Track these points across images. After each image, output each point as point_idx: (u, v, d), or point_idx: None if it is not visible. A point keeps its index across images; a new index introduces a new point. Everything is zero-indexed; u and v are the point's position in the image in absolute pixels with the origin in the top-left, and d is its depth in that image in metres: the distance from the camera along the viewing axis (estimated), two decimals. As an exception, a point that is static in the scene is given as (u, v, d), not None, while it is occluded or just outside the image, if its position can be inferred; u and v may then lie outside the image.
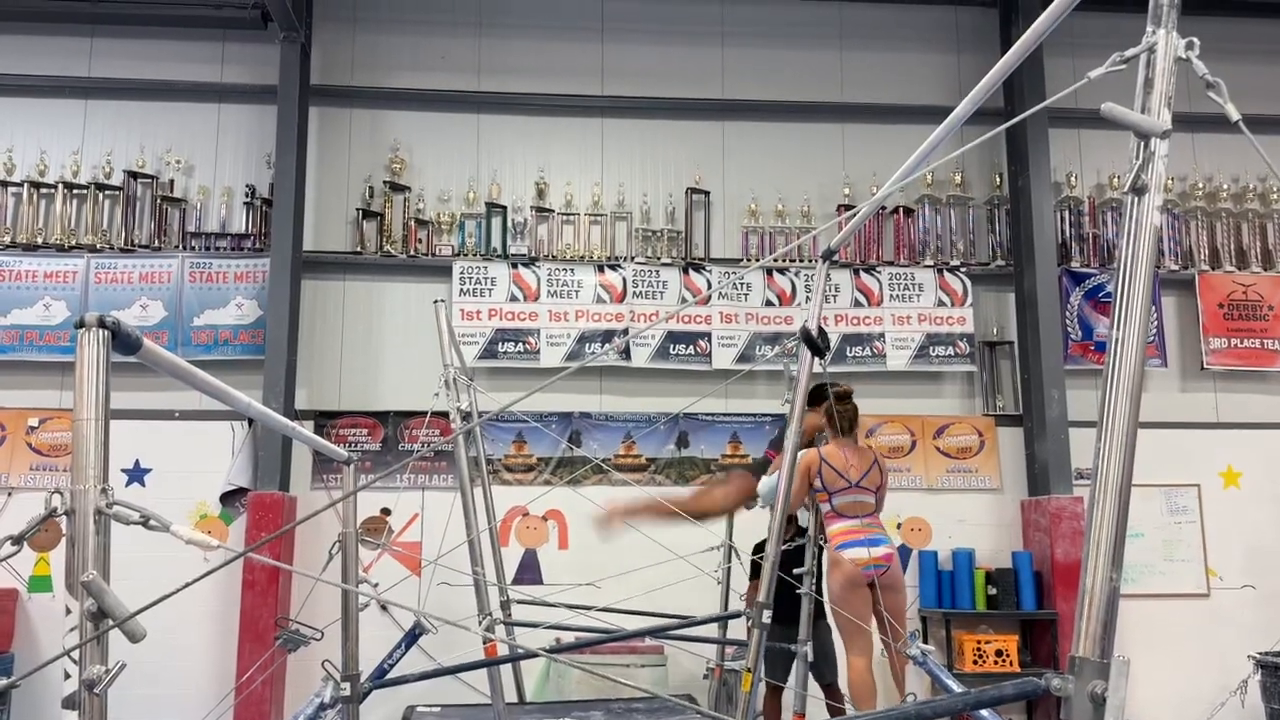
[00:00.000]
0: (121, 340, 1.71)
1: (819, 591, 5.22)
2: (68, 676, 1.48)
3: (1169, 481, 8.08)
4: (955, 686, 4.22)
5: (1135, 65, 1.76)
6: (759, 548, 5.86)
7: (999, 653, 7.40)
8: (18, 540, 1.56)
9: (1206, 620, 7.98)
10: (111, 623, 1.43)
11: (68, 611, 1.50)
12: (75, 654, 1.51)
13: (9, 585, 7.27)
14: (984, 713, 4.23)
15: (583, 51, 8.57)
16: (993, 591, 7.72)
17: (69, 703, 1.47)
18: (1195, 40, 1.72)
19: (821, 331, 3.85)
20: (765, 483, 6.02)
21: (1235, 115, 1.69)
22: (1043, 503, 7.85)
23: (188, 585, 1.64)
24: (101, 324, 1.64)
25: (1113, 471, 1.64)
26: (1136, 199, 1.70)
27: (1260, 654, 6.33)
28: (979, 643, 7.43)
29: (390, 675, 5.29)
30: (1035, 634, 7.76)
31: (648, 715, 5.79)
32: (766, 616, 3.80)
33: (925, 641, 7.34)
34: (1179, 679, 7.66)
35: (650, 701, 6.19)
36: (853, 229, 3.75)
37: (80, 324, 1.65)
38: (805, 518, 5.85)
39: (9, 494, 7.54)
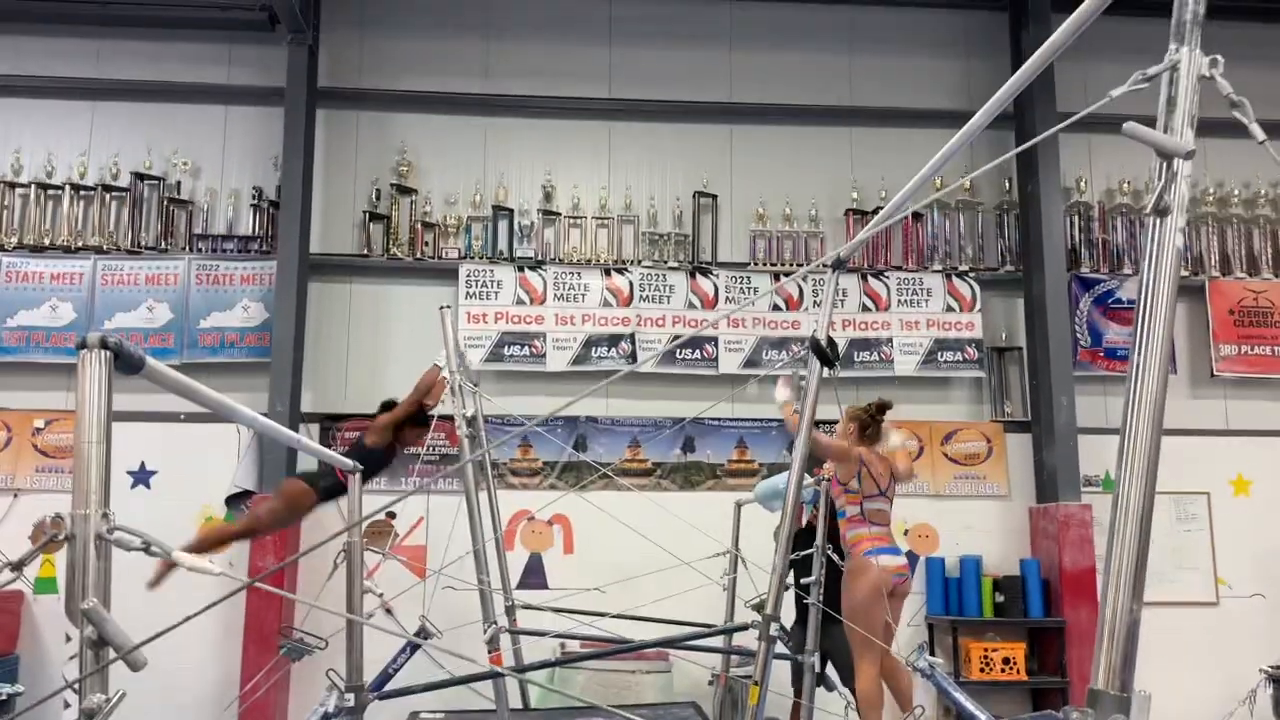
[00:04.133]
0: (124, 360, 1.69)
1: (836, 599, 5.17)
2: (67, 706, 1.45)
3: (1178, 489, 8.01)
4: (963, 700, 4.18)
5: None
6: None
7: (1006, 660, 7.36)
8: (17, 567, 1.53)
9: (1215, 629, 7.93)
10: (113, 654, 1.40)
11: (68, 639, 1.48)
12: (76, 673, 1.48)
13: (14, 587, 7.26)
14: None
15: (590, 55, 8.53)
16: (1000, 599, 7.68)
17: (69, 732, 1.45)
18: (1219, 58, 1.69)
19: (831, 342, 3.83)
20: (761, 487, 5.98)
21: (1261, 136, 1.66)
22: (1051, 510, 7.81)
23: (189, 618, 1.61)
24: (104, 345, 1.61)
25: (1134, 498, 1.60)
26: (1159, 221, 1.66)
27: (1272, 667, 6.28)
28: (986, 650, 7.39)
29: (396, 681, 5.27)
30: (1043, 642, 7.70)
31: (653, 723, 5.76)
32: (774, 629, 3.77)
33: (932, 648, 7.33)
34: (1187, 688, 7.58)
35: (655, 709, 6.16)
36: (862, 240, 3.72)
37: (82, 344, 1.62)
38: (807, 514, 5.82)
39: (15, 495, 7.53)
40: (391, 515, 7.67)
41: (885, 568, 4.98)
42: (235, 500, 7.57)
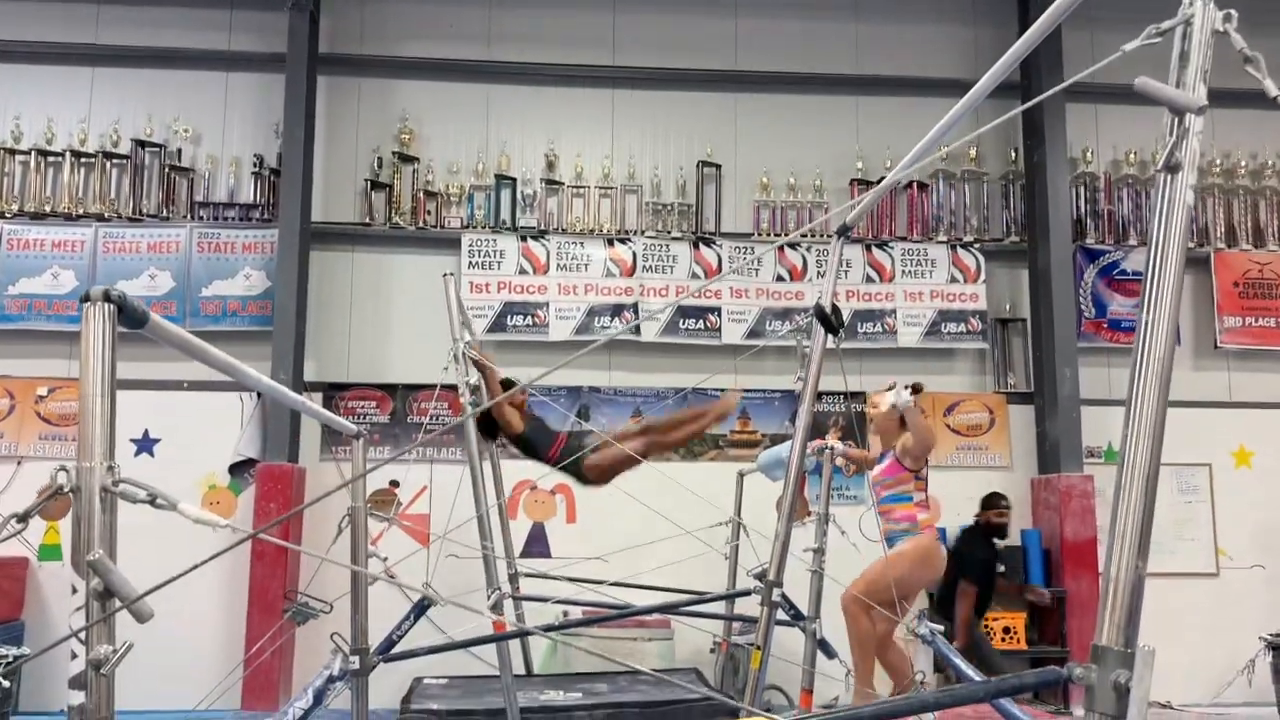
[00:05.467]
0: (128, 314, 1.68)
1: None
2: (74, 656, 1.45)
3: (1180, 460, 8.02)
4: (964, 667, 4.20)
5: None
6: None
7: (1006, 630, 7.40)
8: (23, 518, 1.53)
9: (1215, 599, 7.96)
10: (119, 603, 1.40)
11: (74, 590, 1.48)
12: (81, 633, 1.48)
13: (19, 554, 7.29)
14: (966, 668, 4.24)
15: (594, 21, 8.46)
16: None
17: (76, 683, 1.45)
18: (1233, 13, 1.67)
19: (835, 309, 3.80)
20: (764, 457, 6.00)
21: (1274, 91, 1.64)
22: (1053, 481, 7.82)
23: (196, 567, 1.61)
24: (108, 298, 1.61)
25: (1140, 456, 1.59)
26: (1170, 177, 1.64)
27: (1272, 635, 6.31)
28: (986, 619, 7.41)
29: (398, 647, 5.29)
30: (1043, 612, 7.74)
31: (654, 687, 5.79)
32: (777, 594, 3.77)
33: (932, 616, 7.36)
34: (1187, 657, 7.63)
35: (657, 674, 6.19)
36: (867, 206, 3.69)
37: (86, 298, 1.61)
38: (816, 513, 5.85)
39: (18, 463, 7.55)
40: (394, 484, 7.70)
41: (943, 555, 5.13)
42: (239, 468, 7.60)
